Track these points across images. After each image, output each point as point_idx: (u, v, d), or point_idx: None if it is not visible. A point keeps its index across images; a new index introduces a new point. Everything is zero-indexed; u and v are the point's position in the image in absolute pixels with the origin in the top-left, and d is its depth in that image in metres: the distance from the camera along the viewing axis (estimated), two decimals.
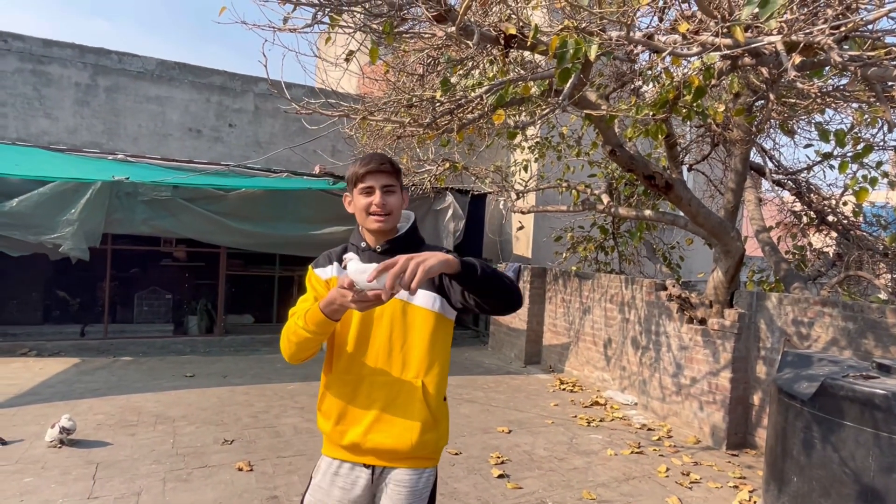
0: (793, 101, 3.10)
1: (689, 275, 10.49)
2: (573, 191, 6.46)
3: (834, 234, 6.07)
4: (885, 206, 6.59)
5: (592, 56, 2.24)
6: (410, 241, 1.64)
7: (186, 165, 7.14)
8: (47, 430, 3.82)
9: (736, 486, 3.79)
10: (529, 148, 6.71)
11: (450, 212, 8.26)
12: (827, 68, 2.63)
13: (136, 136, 8.28)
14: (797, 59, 1.85)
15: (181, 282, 8.43)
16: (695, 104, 2.77)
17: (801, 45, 1.74)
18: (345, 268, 1.40)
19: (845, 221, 5.91)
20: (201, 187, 6.67)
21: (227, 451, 3.89)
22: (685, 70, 2.72)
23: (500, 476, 3.73)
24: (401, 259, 1.26)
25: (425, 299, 1.58)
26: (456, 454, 4.08)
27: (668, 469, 4.02)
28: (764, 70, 2.52)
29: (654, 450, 4.42)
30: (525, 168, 6.50)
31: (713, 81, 2.56)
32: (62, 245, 6.05)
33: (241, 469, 3.59)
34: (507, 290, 1.45)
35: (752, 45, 1.86)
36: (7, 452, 3.64)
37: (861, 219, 6.01)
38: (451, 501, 3.34)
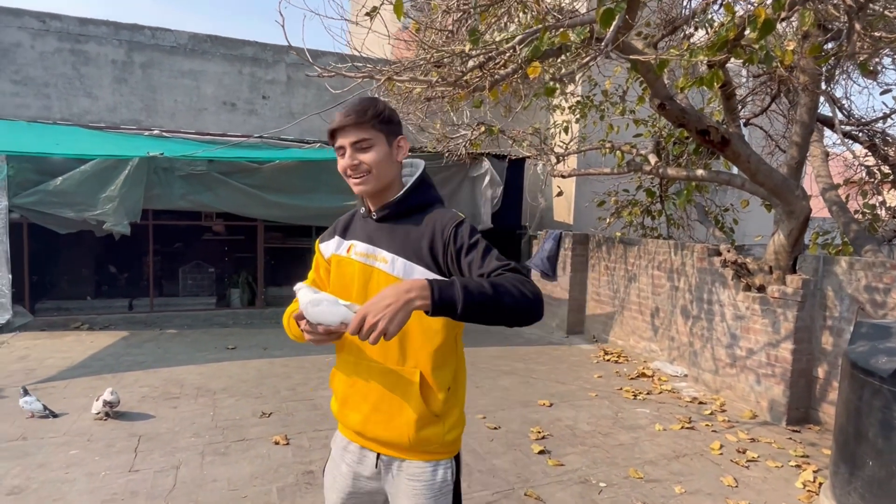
0: (878, 34, 2.67)
1: (743, 239, 9.89)
2: (617, 152, 6.07)
3: None
4: None
5: None
6: (412, 204, 1.42)
7: (220, 138, 7.12)
8: (93, 403, 3.91)
9: (798, 466, 3.52)
10: (570, 108, 6.32)
11: (487, 178, 7.99)
12: None
13: (172, 112, 8.31)
14: None
15: (223, 255, 8.55)
16: (759, 44, 2.42)
17: None
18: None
19: None
20: (235, 160, 6.65)
21: (265, 424, 3.89)
22: (748, 4, 2.36)
23: (541, 452, 3.58)
24: (360, 315, 1.11)
25: None
26: (495, 429, 3.95)
27: (721, 446, 3.77)
28: None
29: (707, 425, 4.16)
30: (565, 130, 6.14)
31: (783, 14, 2.21)
32: (105, 221, 6.18)
33: (277, 443, 3.58)
34: (511, 310, 1.18)
35: None
36: (56, 425, 3.74)
37: None
38: (489, 478, 3.22)
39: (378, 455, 1.45)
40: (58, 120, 7.58)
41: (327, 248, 1.53)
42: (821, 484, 3.26)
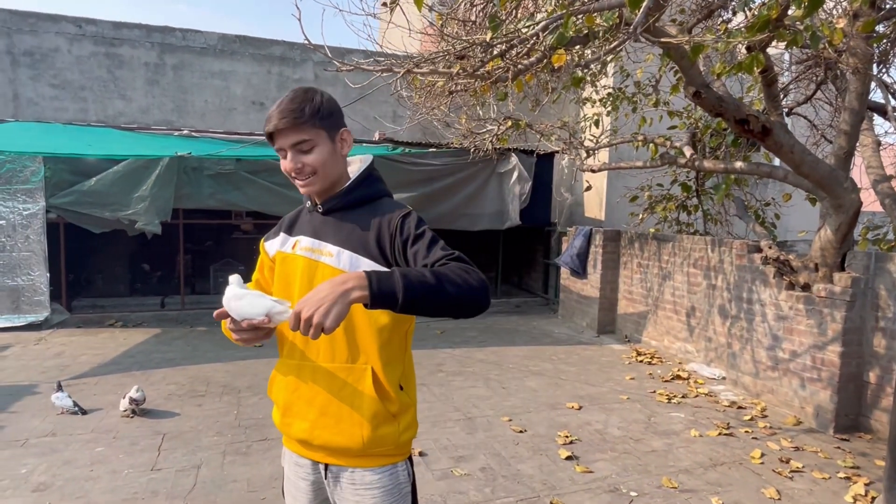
0: None
1: (786, 234, 9.43)
2: (650, 145, 5.83)
3: None
4: None
5: None
6: (358, 197, 1.38)
7: (247, 138, 7.17)
8: (121, 401, 3.95)
9: (848, 478, 3.27)
10: (601, 100, 6.10)
11: (515, 174, 7.84)
12: None
13: (203, 112, 8.44)
14: None
15: (253, 253, 8.65)
16: (805, 23, 2.22)
17: None
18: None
19: None
20: (262, 159, 6.68)
21: None
22: None
23: (569, 458, 3.43)
24: (296, 310, 1.07)
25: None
26: (521, 432, 3.82)
27: (763, 454, 3.55)
28: None
29: (746, 431, 3.94)
30: (596, 123, 5.93)
31: None
32: (137, 221, 6.29)
33: None
34: (455, 299, 1.14)
35: None
36: (84, 421, 3.79)
37: None
38: (513, 485, 3.10)
39: (326, 466, 1.37)
40: (93, 122, 7.77)
41: (272, 245, 1.47)
42: (873, 498, 3.02)
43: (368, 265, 1.30)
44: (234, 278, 1.24)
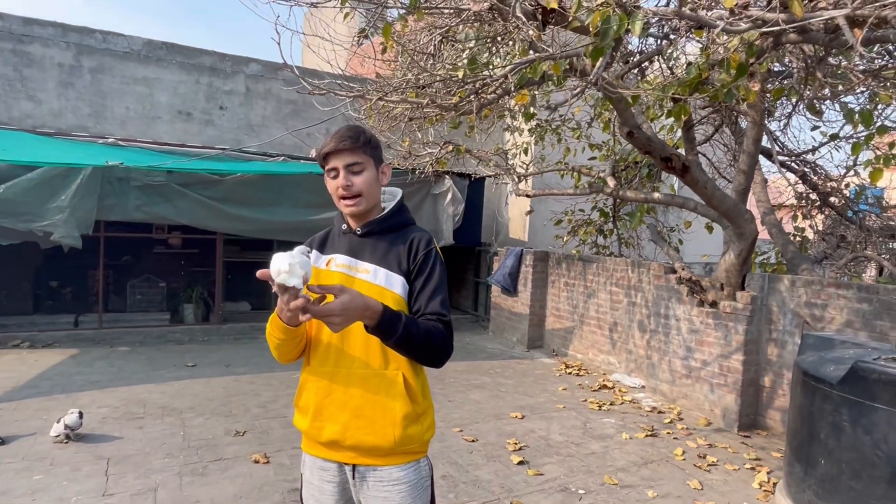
0: (830, 80, 3.05)
1: (685, 257, 10.52)
2: (575, 173, 6.39)
3: (836, 216, 6.11)
4: (885, 188, 6.64)
5: (637, 32, 2.15)
6: (393, 224, 1.58)
7: (179, 149, 6.92)
8: (53, 426, 3.69)
9: (753, 468, 3.82)
10: (529, 130, 6.61)
11: (448, 196, 8.16)
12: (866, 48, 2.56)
13: (123, 119, 7.98)
14: (859, 33, 1.78)
15: (175, 269, 8.23)
16: (726, 84, 2.70)
17: (869, 20, 1.67)
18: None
19: (844, 203, 5.95)
20: (196, 172, 6.47)
21: (241, 443, 3.80)
22: (724, 47, 2.63)
23: (521, 463, 3.70)
24: (337, 301, 1.25)
25: (404, 288, 1.50)
26: (473, 441, 4.04)
27: (684, 452, 4.03)
28: (807, 48, 2.44)
29: (668, 433, 4.43)
30: (525, 151, 6.41)
31: (752, 60, 2.49)
32: (53, 233, 5.84)
33: (257, 461, 3.51)
34: (422, 358, 1.44)
35: (812, 20, 1.78)
36: (12, 449, 3.50)
37: (864, 200, 6.05)
38: (474, 489, 3.30)
39: (354, 467, 1.51)
40: None
41: None
42: (775, 484, 3.56)
43: (400, 282, 1.50)
44: (298, 248, 1.30)
